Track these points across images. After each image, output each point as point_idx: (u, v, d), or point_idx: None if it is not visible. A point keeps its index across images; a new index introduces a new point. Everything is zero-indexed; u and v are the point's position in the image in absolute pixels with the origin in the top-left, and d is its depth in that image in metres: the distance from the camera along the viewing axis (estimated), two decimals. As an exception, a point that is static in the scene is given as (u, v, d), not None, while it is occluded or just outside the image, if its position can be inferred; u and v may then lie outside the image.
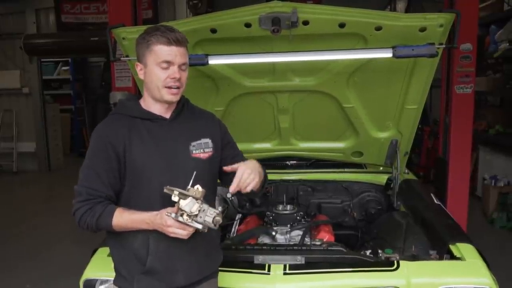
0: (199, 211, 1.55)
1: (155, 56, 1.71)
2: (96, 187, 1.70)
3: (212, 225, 1.57)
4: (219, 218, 1.58)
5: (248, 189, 1.72)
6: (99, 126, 1.80)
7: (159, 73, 1.72)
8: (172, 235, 1.61)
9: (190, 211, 1.54)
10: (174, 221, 1.57)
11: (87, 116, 11.75)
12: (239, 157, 1.99)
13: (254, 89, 2.83)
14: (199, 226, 1.57)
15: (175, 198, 1.55)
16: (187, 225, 1.57)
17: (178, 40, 1.71)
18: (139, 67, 1.79)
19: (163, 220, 1.59)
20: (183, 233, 1.59)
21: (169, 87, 1.73)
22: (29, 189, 8.44)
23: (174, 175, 1.73)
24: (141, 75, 1.79)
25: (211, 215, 1.57)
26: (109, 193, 1.73)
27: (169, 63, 1.70)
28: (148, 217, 1.65)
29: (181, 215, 1.55)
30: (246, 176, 1.71)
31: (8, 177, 9.30)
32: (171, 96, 1.75)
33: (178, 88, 1.74)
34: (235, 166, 1.77)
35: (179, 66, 1.72)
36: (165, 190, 1.58)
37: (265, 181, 1.94)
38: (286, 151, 3.36)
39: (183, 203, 1.55)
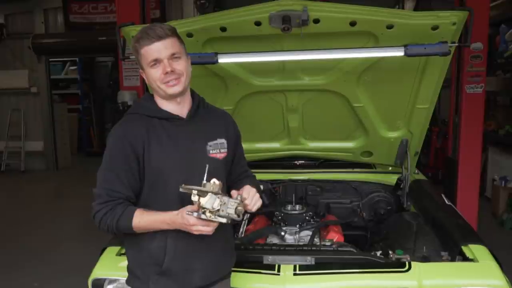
0: (220, 205, 1.54)
1: (145, 59, 1.73)
2: (116, 188, 1.69)
3: (235, 217, 1.56)
4: (241, 208, 1.57)
5: (255, 208, 1.72)
6: (117, 126, 1.78)
7: (153, 73, 1.73)
8: (196, 233, 1.59)
9: (212, 207, 1.53)
10: (198, 219, 1.55)
11: (94, 116, 11.79)
12: (245, 175, 2.02)
13: (263, 88, 2.81)
14: (223, 220, 1.55)
15: (194, 197, 1.53)
16: (211, 221, 1.55)
17: (158, 35, 1.69)
18: (142, 74, 1.81)
19: (185, 220, 1.58)
20: (208, 229, 1.58)
21: (167, 82, 1.72)
22: (37, 188, 8.46)
23: (191, 175, 1.71)
24: (146, 80, 1.81)
25: (232, 207, 1.55)
26: (129, 194, 1.71)
27: (157, 60, 1.71)
28: (169, 217, 1.64)
29: (203, 212, 1.54)
30: (252, 194, 1.70)
31: (16, 176, 9.35)
32: (172, 89, 1.74)
33: (176, 78, 1.73)
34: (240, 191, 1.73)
35: (170, 58, 1.71)
36: (181, 189, 1.56)
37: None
38: (295, 150, 3.35)
39: (203, 201, 1.53)
